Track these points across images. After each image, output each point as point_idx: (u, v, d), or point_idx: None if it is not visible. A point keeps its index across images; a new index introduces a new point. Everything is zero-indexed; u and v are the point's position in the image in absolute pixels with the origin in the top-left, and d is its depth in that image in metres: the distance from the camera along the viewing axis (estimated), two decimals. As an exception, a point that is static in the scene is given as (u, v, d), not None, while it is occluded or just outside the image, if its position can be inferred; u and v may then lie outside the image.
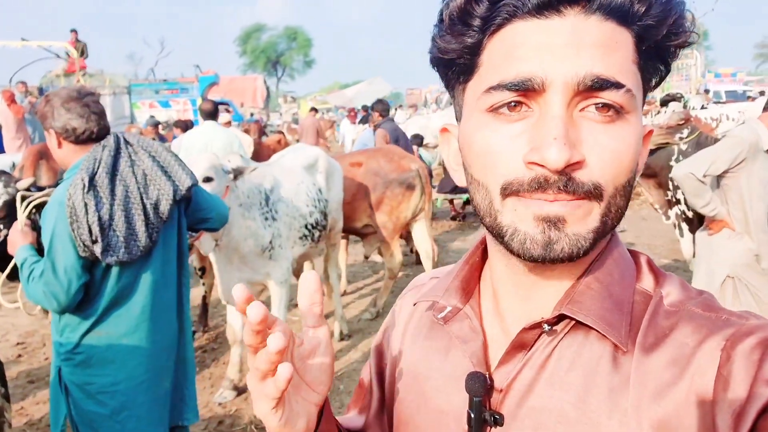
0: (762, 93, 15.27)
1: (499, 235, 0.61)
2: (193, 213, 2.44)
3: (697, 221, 3.25)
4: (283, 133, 12.38)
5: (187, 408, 2.41)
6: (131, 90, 16.07)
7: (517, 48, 0.57)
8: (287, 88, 53.08)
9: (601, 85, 0.55)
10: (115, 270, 2.12)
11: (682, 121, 3.15)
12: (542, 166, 0.55)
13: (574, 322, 0.62)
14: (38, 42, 11.99)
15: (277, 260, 3.74)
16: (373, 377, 0.85)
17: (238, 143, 6.17)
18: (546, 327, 0.62)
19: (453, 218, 9.19)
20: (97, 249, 2.01)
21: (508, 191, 0.58)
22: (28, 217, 2.44)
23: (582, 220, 0.57)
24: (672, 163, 3.21)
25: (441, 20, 0.62)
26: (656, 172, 3.27)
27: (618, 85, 0.55)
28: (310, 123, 12.23)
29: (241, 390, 3.91)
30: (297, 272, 4.59)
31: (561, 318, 0.62)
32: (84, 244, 2.00)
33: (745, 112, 9.00)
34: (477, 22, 0.59)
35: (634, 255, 0.68)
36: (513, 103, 0.57)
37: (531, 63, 0.56)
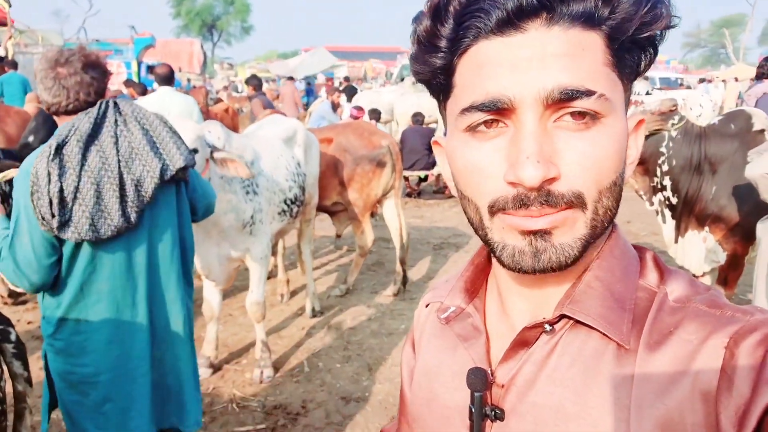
0: (702, 80, 16.01)
1: (491, 250, 0.63)
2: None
3: (681, 208, 3.38)
4: (222, 100, 11.94)
5: (186, 412, 2.20)
6: (63, 49, 15.06)
7: (484, 67, 0.58)
8: (223, 54, 51.41)
9: (570, 95, 0.55)
10: (86, 249, 1.92)
11: (674, 107, 3.24)
12: (520, 184, 0.56)
13: (574, 320, 0.63)
14: (-37, -9, 11.01)
15: (257, 236, 3.63)
16: (405, 381, 0.86)
17: (197, 110, 5.93)
18: (547, 327, 0.64)
19: (408, 195, 9.21)
20: (54, 223, 1.81)
21: (495, 209, 0.59)
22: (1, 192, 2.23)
23: (568, 231, 0.58)
24: (662, 149, 3.31)
25: (413, 42, 0.64)
26: (645, 159, 3.37)
27: (589, 93, 0.55)
28: (289, 91, 11.76)
29: (217, 367, 3.81)
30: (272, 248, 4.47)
31: (563, 317, 0.63)
32: (43, 217, 1.80)
33: (687, 99, 9.43)
34: (444, 43, 0.60)
35: (639, 251, 0.68)
36: (489, 120, 0.59)
37: (498, 82, 0.57)
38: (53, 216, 1.81)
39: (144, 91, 8.76)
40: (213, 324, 3.79)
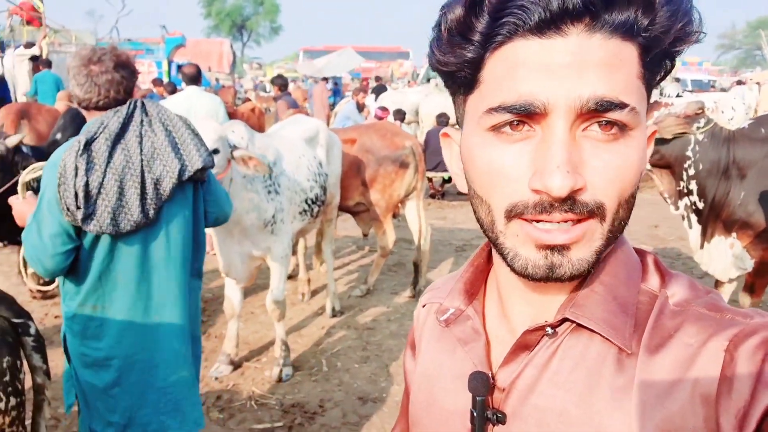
0: (740, 82, 15.65)
1: (500, 254, 0.61)
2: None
3: (707, 212, 3.30)
4: (250, 100, 12.07)
5: (186, 412, 2.20)
6: (96, 48, 15.36)
7: (518, 67, 0.56)
8: (252, 54, 51.94)
9: (606, 106, 0.54)
10: (105, 241, 1.99)
11: (700, 111, 3.17)
12: (546, 193, 0.55)
13: (576, 323, 0.62)
14: (0, -8, 11.32)
15: (278, 235, 3.65)
16: (408, 383, 0.85)
17: (223, 110, 5.99)
18: (549, 330, 0.63)
19: (432, 196, 9.19)
20: (79, 215, 1.89)
21: (512, 213, 0.58)
22: (29, 187, 2.31)
23: (587, 243, 0.58)
24: (688, 153, 3.24)
25: (439, 31, 0.61)
26: (670, 163, 3.29)
27: (622, 106, 0.54)
28: (319, 91, 11.80)
29: (237, 364, 3.85)
30: (293, 247, 4.50)
31: (565, 321, 0.63)
32: (68, 209, 1.88)
33: (719, 102, 9.24)
34: (477, 37, 0.57)
35: (641, 254, 0.68)
36: (515, 122, 0.57)
37: (533, 85, 0.55)
38: (78, 208, 1.88)
39: (173, 90, 8.89)
40: (234, 321, 3.83)
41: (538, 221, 0.57)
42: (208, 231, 3.57)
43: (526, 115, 0.56)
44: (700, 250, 3.39)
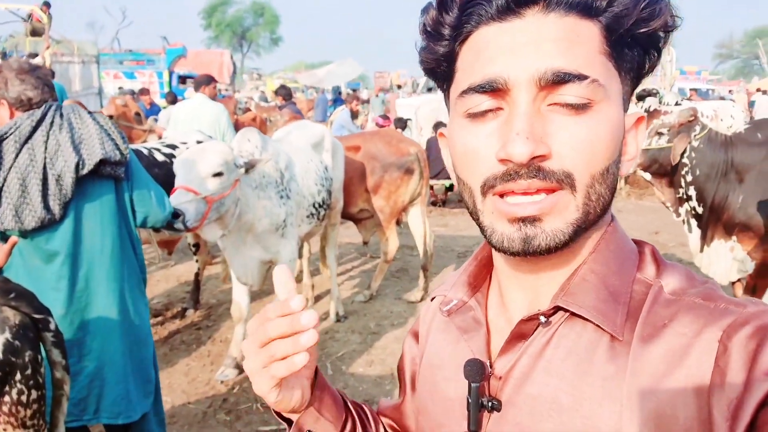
0: (731, 92, 15.79)
1: (484, 234, 0.64)
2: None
3: (707, 216, 3.36)
4: (250, 110, 12.22)
5: (105, 402, 2.26)
6: (98, 59, 15.46)
7: (482, 52, 0.61)
8: (252, 64, 52.15)
9: (562, 78, 0.57)
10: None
11: (692, 117, 3.23)
12: (510, 160, 0.58)
13: (570, 312, 0.64)
14: (5, 4, 11.41)
15: (287, 238, 3.72)
16: (405, 361, 0.89)
17: (227, 118, 6.05)
18: (542, 319, 0.64)
19: (432, 203, 9.24)
20: None
21: (486, 187, 0.61)
22: None
23: (559, 214, 0.59)
24: (684, 160, 3.30)
25: (420, 32, 0.67)
26: (667, 171, 3.36)
27: (581, 77, 0.57)
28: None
29: (242, 368, 3.87)
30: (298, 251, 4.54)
31: (558, 309, 0.64)
32: None
33: (718, 110, 9.32)
34: (448, 31, 0.63)
35: (639, 245, 0.69)
36: (489, 110, 0.61)
37: (495, 65, 0.59)
38: None
39: (174, 100, 8.99)
40: (241, 325, 3.86)
41: (508, 194, 0.60)
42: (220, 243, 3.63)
43: (491, 92, 0.59)
44: (700, 253, 3.45)
